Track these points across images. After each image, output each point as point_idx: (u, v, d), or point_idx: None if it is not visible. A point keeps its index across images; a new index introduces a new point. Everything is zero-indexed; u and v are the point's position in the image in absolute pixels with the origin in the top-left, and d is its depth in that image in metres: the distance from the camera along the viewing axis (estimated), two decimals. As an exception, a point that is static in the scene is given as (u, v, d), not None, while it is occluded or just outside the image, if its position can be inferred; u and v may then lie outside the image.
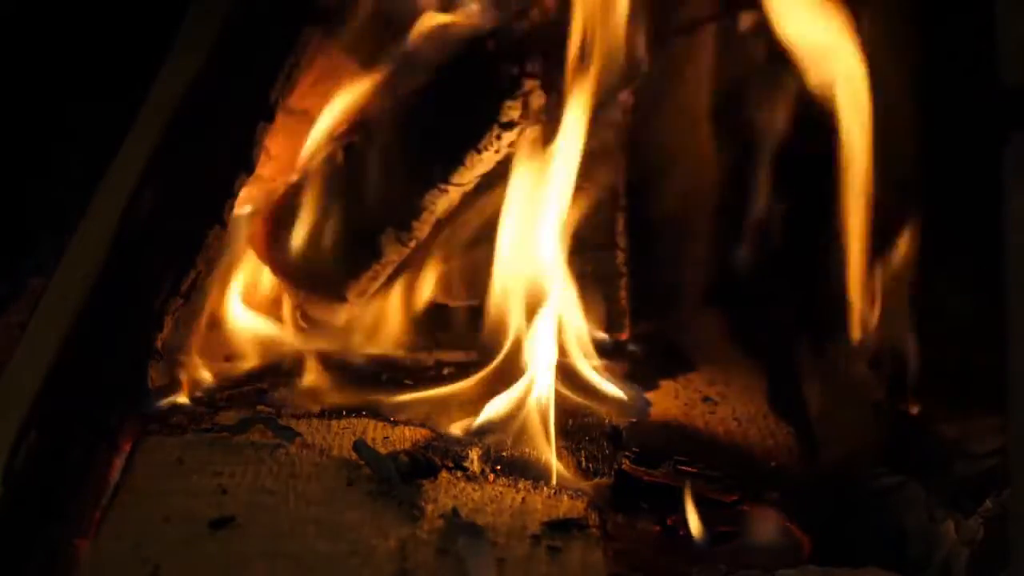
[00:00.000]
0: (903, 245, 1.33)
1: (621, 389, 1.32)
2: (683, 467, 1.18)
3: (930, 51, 1.29)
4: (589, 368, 1.33)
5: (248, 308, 1.42)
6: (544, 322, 1.30)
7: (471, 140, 1.35)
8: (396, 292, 1.43)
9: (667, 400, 1.36)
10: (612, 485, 1.17)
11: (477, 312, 1.37)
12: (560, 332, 1.33)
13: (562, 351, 1.31)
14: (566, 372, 1.31)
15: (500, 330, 1.31)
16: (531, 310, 1.32)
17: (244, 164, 1.25)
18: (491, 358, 1.31)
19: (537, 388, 1.24)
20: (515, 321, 1.31)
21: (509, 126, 1.34)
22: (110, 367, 1.16)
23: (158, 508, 1.05)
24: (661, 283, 1.46)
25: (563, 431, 1.25)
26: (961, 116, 1.22)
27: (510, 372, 1.28)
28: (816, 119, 1.33)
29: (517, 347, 1.29)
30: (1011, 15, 0.88)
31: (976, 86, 0.97)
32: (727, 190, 1.45)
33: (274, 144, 1.35)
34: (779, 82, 1.38)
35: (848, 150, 1.31)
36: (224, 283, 1.39)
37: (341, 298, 1.41)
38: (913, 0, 1.31)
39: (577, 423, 1.27)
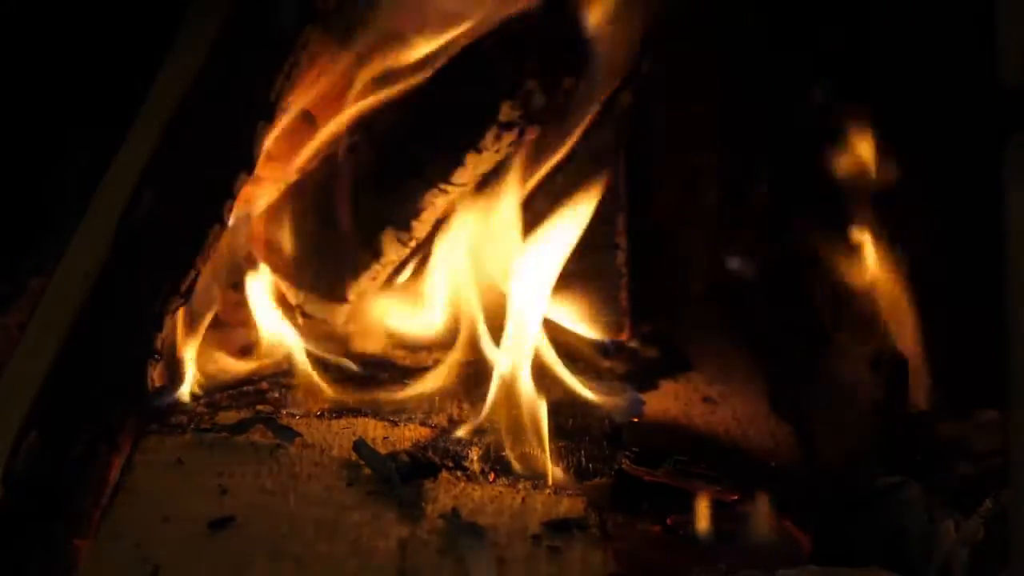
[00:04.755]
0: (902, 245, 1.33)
1: (616, 389, 1.31)
2: (683, 467, 1.18)
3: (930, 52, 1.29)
4: (587, 368, 1.33)
5: (248, 308, 1.42)
6: (541, 321, 1.30)
7: (471, 140, 1.35)
8: (397, 292, 1.43)
9: (667, 400, 1.36)
10: (612, 485, 1.17)
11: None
12: (558, 332, 1.34)
13: (561, 351, 1.32)
14: (565, 372, 1.31)
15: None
16: (530, 311, 1.32)
17: (244, 164, 1.25)
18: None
19: (533, 387, 1.24)
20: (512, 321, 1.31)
21: (509, 126, 1.34)
22: (110, 367, 1.16)
23: (158, 508, 1.05)
24: (661, 283, 1.46)
25: (563, 431, 1.25)
26: (961, 116, 1.22)
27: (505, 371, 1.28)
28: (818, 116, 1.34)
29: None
30: (1011, 15, 0.88)
31: (976, 86, 0.97)
32: (727, 190, 1.45)
33: (274, 144, 1.35)
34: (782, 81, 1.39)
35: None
36: (224, 283, 1.39)
37: (341, 298, 1.41)
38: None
39: (577, 423, 1.27)
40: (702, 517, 1.11)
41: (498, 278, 1.35)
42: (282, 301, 1.43)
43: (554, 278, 1.31)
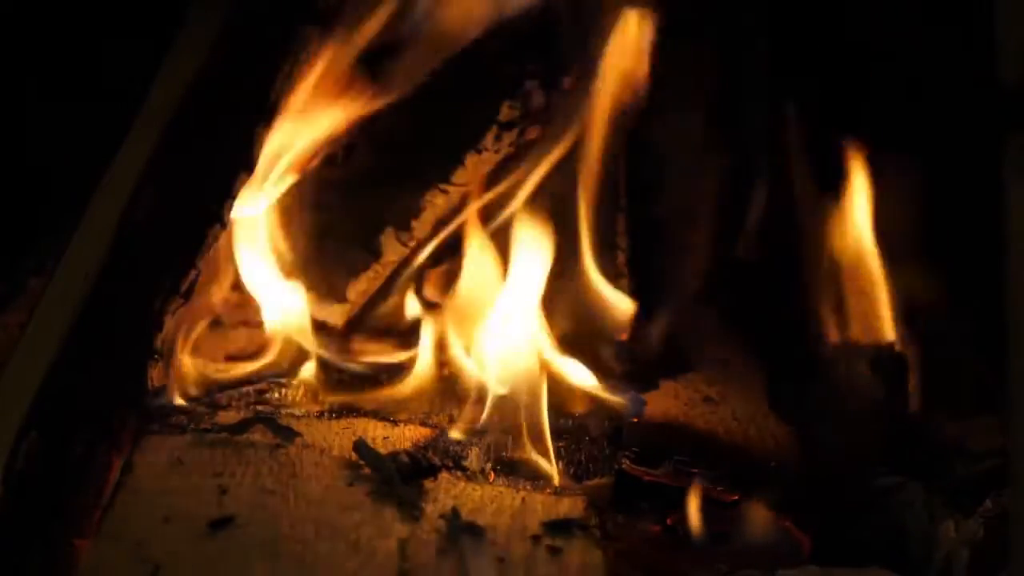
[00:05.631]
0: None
1: (617, 389, 1.31)
2: (683, 467, 1.18)
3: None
4: (587, 368, 1.33)
5: (248, 308, 1.42)
6: (542, 322, 1.30)
7: (471, 140, 1.35)
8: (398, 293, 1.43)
9: (667, 400, 1.36)
10: (612, 485, 1.17)
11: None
12: (559, 332, 1.34)
13: (562, 351, 1.32)
14: (565, 372, 1.31)
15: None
16: (530, 312, 1.32)
17: (244, 164, 1.25)
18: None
19: (533, 388, 1.25)
20: (512, 322, 1.31)
21: (509, 126, 1.34)
22: (110, 367, 1.16)
23: (158, 508, 1.05)
24: (661, 283, 1.46)
25: (563, 431, 1.25)
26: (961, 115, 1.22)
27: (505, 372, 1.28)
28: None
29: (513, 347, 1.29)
30: (1011, 15, 0.88)
31: (976, 86, 0.97)
32: (728, 190, 1.45)
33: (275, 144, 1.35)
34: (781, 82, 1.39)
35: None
36: (224, 283, 1.39)
37: (341, 298, 1.41)
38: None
39: (577, 423, 1.27)
40: (701, 517, 1.11)
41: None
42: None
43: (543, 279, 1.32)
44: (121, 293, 1.18)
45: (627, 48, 1.34)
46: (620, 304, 1.36)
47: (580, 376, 1.31)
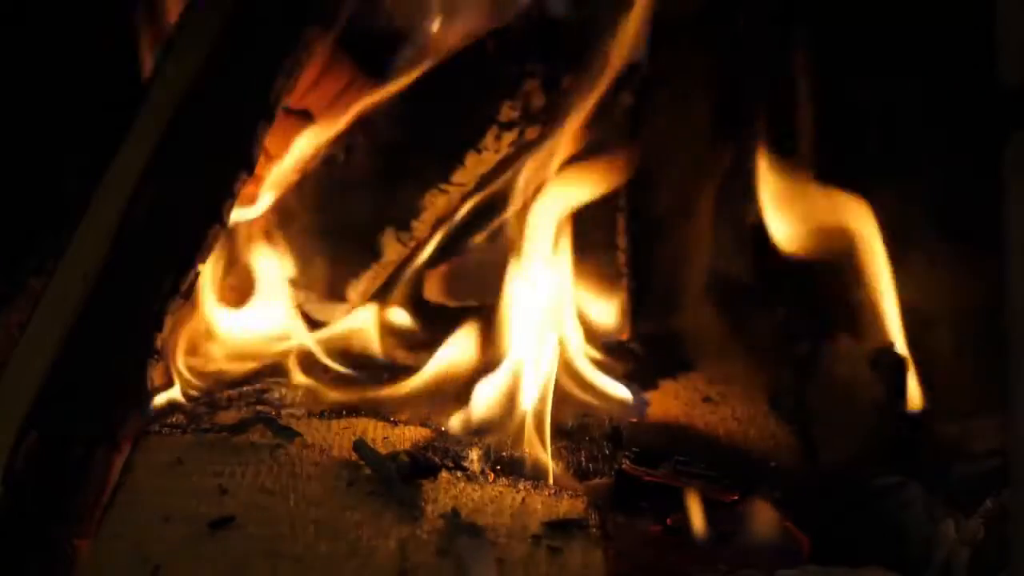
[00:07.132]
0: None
1: (620, 389, 1.32)
2: (683, 467, 1.18)
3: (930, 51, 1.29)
4: (589, 368, 1.33)
5: (248, 308, 1.42)
6: (545, 322, 1.30)
7: (471, 140, 1.35)
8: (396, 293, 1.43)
9: (667, 400, 1.36)
10: (612, 485, 1.17)
11: (477, 312, 1.37)
12: (560, 332, 1.34)
13: (562, 351, 1.32)
14: (566, 372, 1.31)
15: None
16: (533, 310, 1.32)
17: (244, 164, 1.25)
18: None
19: (536, 389, 1.25)
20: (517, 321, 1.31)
21: (509, 126, 1.34)
22: (110, 367, 1.16)
23: (158, 508, 1.05)
24: (661, 283, 1.46)
25: (563, 431, 1.25)
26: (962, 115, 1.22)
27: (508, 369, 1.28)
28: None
29: (516, 344, 1.30)
30: (1011, 15, 0.88)
31: (976, 86, 0.97)
32: (727, 190, 1.45)
33: (274, 144, 1.35)
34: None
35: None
36: (224, 283, 1.39)
37: (341, 298, 1.41)
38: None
39: (577, 423, 1.27)
40: (702, 517, 1.11)
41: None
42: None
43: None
44: (121, 293, 1.18)
45: (627, 45, 1.34)
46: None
47: (582, 376, 1.31)
